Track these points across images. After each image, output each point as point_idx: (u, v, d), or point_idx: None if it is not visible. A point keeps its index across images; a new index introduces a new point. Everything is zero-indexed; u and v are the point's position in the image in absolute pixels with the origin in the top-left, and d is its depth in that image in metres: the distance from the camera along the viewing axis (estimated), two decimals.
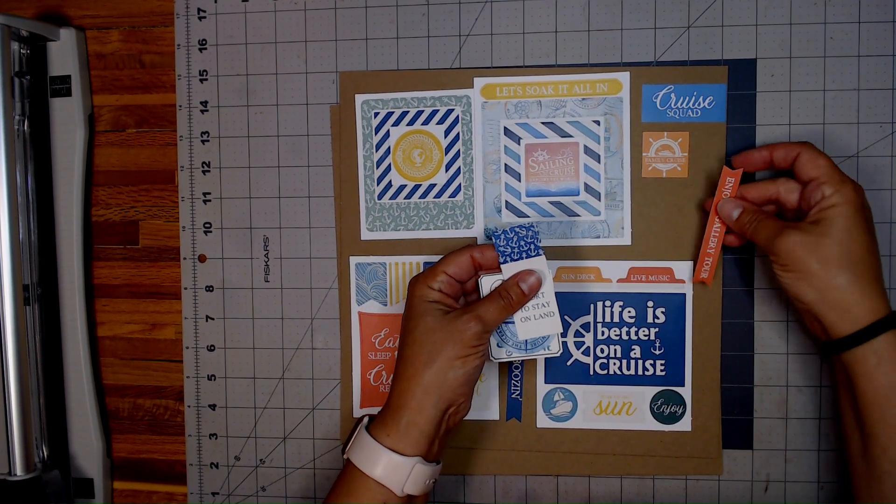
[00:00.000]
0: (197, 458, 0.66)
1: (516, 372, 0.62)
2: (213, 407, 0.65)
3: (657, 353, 0.60)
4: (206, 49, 0.64)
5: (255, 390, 0.65)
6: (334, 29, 0.63)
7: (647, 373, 0.61)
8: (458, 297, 0.55)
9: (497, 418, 0.62)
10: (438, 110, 0.61)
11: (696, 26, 0.59)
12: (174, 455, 0.67)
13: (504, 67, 0.61)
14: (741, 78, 0.59)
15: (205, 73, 0.64)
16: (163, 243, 0.66)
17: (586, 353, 0.61)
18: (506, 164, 0.61)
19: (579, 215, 0.60)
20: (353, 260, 0.63)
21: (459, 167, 0.61)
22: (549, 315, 0.54)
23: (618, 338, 0.61)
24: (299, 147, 0.63)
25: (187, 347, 0.65)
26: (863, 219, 0.50)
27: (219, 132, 0.64)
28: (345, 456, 0.53)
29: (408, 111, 0.62)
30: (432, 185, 0.62)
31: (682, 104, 0.59)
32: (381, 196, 0.62)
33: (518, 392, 0.62)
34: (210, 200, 0.65)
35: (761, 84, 0.59)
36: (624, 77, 0.59)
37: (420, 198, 0.62)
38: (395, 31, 0.62)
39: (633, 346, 0.61)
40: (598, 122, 0.60)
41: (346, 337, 0.64)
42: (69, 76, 0.64)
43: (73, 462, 0.66)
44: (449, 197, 0.62)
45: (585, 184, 0.60)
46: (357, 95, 0.62)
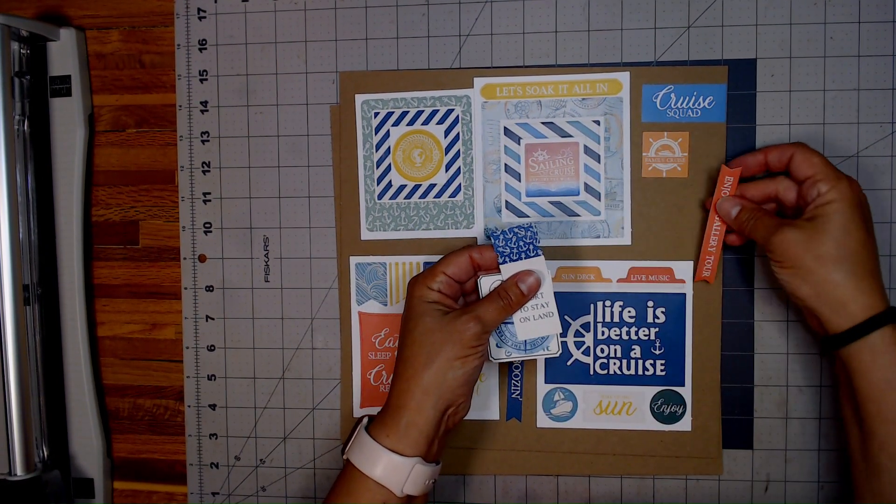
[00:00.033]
0: (197, 458, 0.66)
1: (516, 372, 0.62)
2: (213, 407, 0.65)
3: (657, 352, 0.60)
4: (206, 49, 0.64)
5: (255, 390, 0.65)
6: (334, 29, 0.63)
7: (647, 373, 0.61)
8: (457, 298, 0.55)
9: (497, 418, 0.62)
10: (438, 110, 0.61)
11: (696, 26, 0.59)
12: (174, 455, 0.67)
13: (504, 67, 0.61)
14: (741, 78, 0.59)
15: (205, 73, 0.64)
16: (163, 243, 0.66)
17: (586, 352, 0.61)
18: (506, 164, 0.61)
19: (579, 215, 0.60)
20: (353, 260, 0.63)
21: (459, 167, 0.61)
22: (549, 315, 0.54)
23: (618, 338, 0.61)
24: (299, 147, 0.63)
25: (187, 347, 0.65)
26: (859, 215, 0.50)
27: (219, 132, 0.64)
28: (344, 456, 0.53)
29: (408, 111, 0.62)
30: (432, 185, 0.62)
31: (682, 104, 0.59)
32: (381, 196, 0.62)
33: (518, 392, 0.62)
34: (210, 200, 0.65)
35: (761, 84, 0.59)
36: (624, 77, 0.59)
37: (420, 198, 0.62)
38: (395, 31, 0.62)
39: (634, 346, 0.61)
40: (598, 122, 0.60)
41: (346, 337, 0.64)
42: (69, 76, 0.64)
43: (73, 462, 0.66)
44: (449, 197, 0.62)
45: (585, 184, 0.60)
46: (357, 95, 0.62)
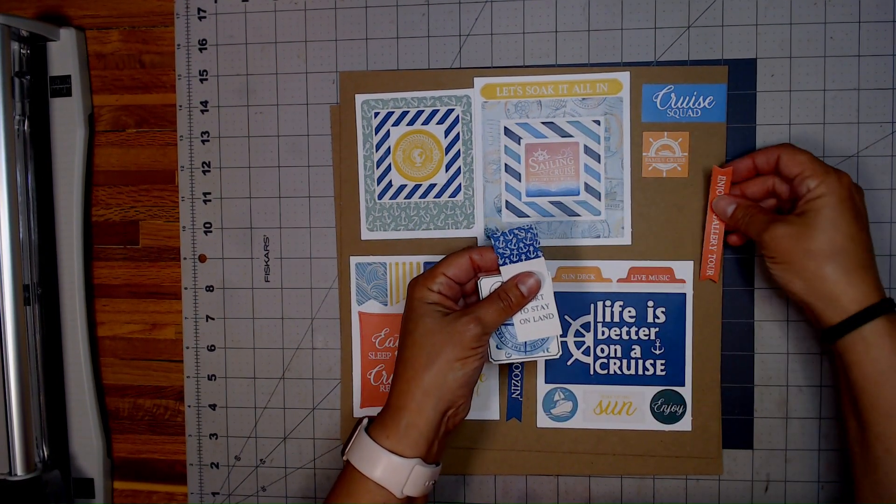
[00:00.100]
0: (197, 458, 0.66)
1: (516, 372, 0.62)
2: (213, 407, 0.65)
3: (657, 352, 0.60)
4: (206, 49, 0.64)
5: (256, 390, 0.65)
6: (334, 29, 0.63)
7: (647, 373, 0.61)
8: (457, 299, 0.55)
9: (497, 418, 0.62)
10: (438, 110, 0.61)
11: (696, 26, 0.59)
12: (174, 455, 0.67)
13: (504, 67, 0.61)
14: (741, 78, 0.59)
15: (205, 73, 0.64)
16: (163, 243, 0.66)
17: (586, 352, 0.61)
18: (506, 164, 0.61)
19: (579, 215, 0.60)
20: (354, 260, 0.63)
21: (459, 167, 0.61)
22: (549, 317, 0.54)
23: (618, 338, 0.61)
24: (299, 147, 0.63)
25: (187, 347, 0.65)
26: (849, 208, 0.50)
27: (219, 132, 0.64)
28: (344, 457, 0.53)
29: (408, 111, 0.62)
30: (432, 185, 0.62)
31: (682, 104, 0.59)
32: (381, 196, 0.62)
33: (518, 392, 0.62)
34: (210, 200, 0.65)
35: (761, 84, 0.59)
36: (624, 77, 0.59)
37: (420, 198, 0.62)
38: (395, 31, 0.62)
39: (634, 346, 0.61)
40: (598, 122, 0.60)
41: (346, 337, 0.64)
42: (69, 76, 0.64)
43: (73, 462, 0.66)
44: (449, 197, 0.62)
45: (585, 184, 0.60)
46: (357, 95, 0.62)
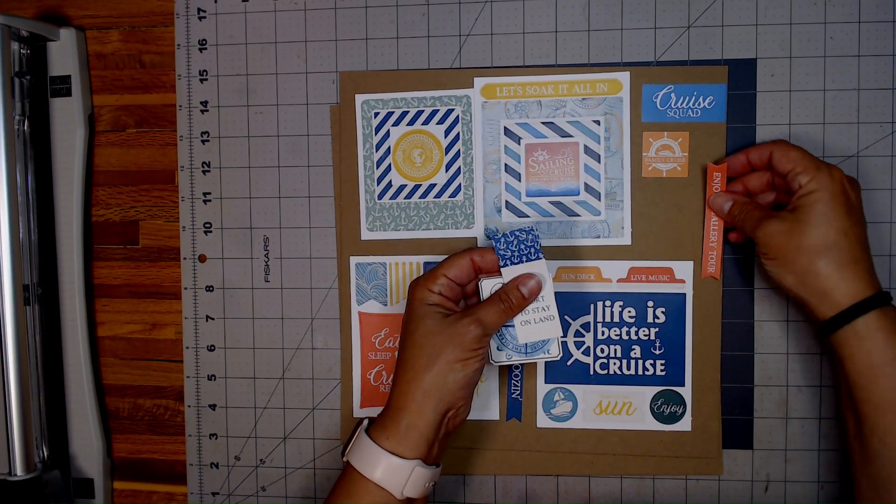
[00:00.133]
0: (197, 458, 0.66)
1: (516, 372, 0.62)
2: (213, 407, 0.65)
3: (657, 352, 0.60)
4: (206, 49, 0.64)
5: (255, 390, 0.65)
6: (334, 29, 0.63)
7: (647, 373, 0.61)
8: (458, 301, 0.55)
9: (497, 418, 0.62)
10: (438, 110, 0.61)
11: (696, 26, 0.59)
12: (174, 455, 0.67)
13: (504, 67, 0.61)
14: (741, 78, 0.59)
15: (205, 73, 0.64)
16: (163, 243, 0.66)
17: (586, 352, 0.61)
18: (506, 164, 0.61)
19: (579, 215, 0.60)
20: (354, 260, 0.63)
21: (459, 167, 0.61)
22: (549, 319, 0.54)
23: (618, 338, 0.61)
24: (299, 147, 0.63)
25: (187, 347, 0.65)
26: (841, 203, 0.50)
27: (219, 132, 0.64)
28: (344, 458, 0.53)
29: (408, 111, 0.62)
30: (432, 185, 0.62)
31: (682, 104, 0.59)
32: (381, 196, 0.62)
33: (518, 392, 0.62)
34: (210, 200, 0.65)
35: (761, 84, 0.59)
36: (624, 77, 0.59)
37: (420, 198, 0.62)
38: (395, 31, 0.62)
39: (634, 346, 0.61)
40: (598, 122, 0.60)
41: (346, 337, 0.64)
42: (69, 76, 0.64)
43: (73, 462, 0.66)
44: (449, 197, 0.62)
45: (585, 184, 0.60)
46: (357, 95, 0.62)
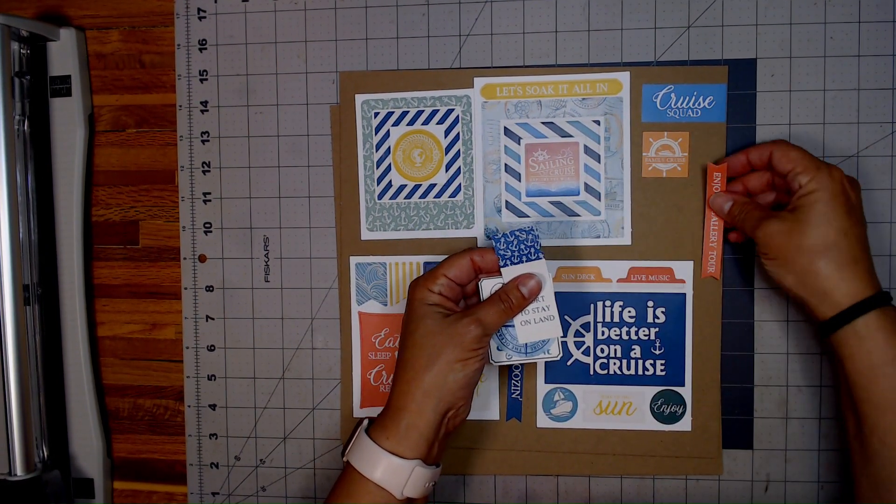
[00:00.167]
0: (197, 458, 0.66)
1: (516, 372, 0.62)
2: (213, 407, 0.65)
3: (657, 352, 0.60)
4: (206, 49, 0.64)
5: (255, 390, 0.65)
6: (334, 29, 0.63)
7: (647, 373, 0.61)
8: (458, 301, 0.55)
9: (497, 418, 0.62)
10: (438, 110, 0.61)
11: (696, 26, 0.59)
12: (174, 455, 0.67)
13: (504, 67, 0.61)
14: (741, 78, 0.59)
15: (205, 73, 0.64)
16: (163, 243, 0.66)
17: (586, 352, 0.61)
18: (506, 164, 0.61)
19: (579, 215, 0.60)
20: (354, 260, 0.63)
21: (459, 167, 0.61)
22: (550, 319, 0.54)
23: (618, 338, 0.61)
24: (299, 147, 0.63)
25: (187, 347, 0.65)
26: (840, 203, 0.50)
27: (219, 132, 0.64)
28: (344, 458, 0.53)
29: (408, 111, 0.62)
30: (432, 185, 0.62)
31: (682, 104, 0.59)
32: (381, 196, 0.62)
33: (518, 392, 0.62)
34: (210, 200, 0.65)
35: (761, 84, 0.59)
36: (624, 77, 0.59)
37: (420, 198, 0.62)
38: (395, 31, 0.62)
39: (634, 346, 0.61)
40: (598, 122, 0.60)
41: (346, 337, 0.64)
42: (69, 76, 0.64)
43: (73, 462, 0.66)
44: (449, 197, 0.62)
45: (585, 184, 0.60)
46: (357, 95, 0.62)
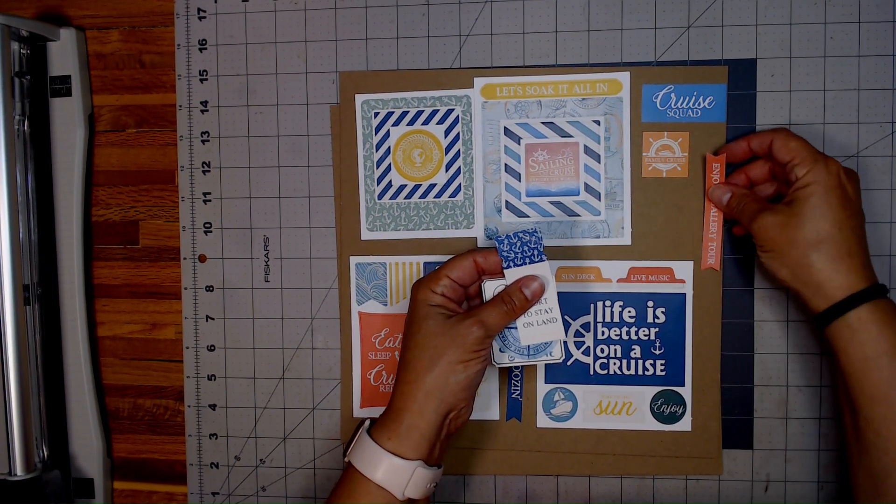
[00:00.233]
0: (197, 458, 0.66)
1: (516, 372, 0.62)
2: (213, 407, 0.65)
3: (657, 352, 0.60)
4: (206, 49, 0.64)
5: (255, 390, 0.65)
6: (334, 29, 0.63)
7: (647, 373, 0.61)
8: (460, 302, 0.55)
9: (497, 418, 0.62)
10: (438, 110, 0.61)
11: (696, 26, 0.59)
12: (174, 455, 0.67)
13: (504, 67, 0.61)
14: (741, 78, 0.59)
15: (205, 73, 0.64)
16: (163, 243, 0.66)
17: (586, 352, 0.61)
18: (506, 164, 0.61)
19: (579, 215, 0.60)
20: (354, 260, 0.63)
21: (459, 167, 0.61)
22: (552, 321, 0.54)
23: (618, 338, 0.61)
24: (299, 147, 0.63)
25: (187, 347, 0.65)
26: (836, 196, 0.50)
27: (219, 132, 0.64)
28: (346, 459, 0.53)
29: (408, 111, 0.62)
30: (432, 185, 0.62)
31: (682, 104, 0.59)
32: (381, 196, 0.62)
33: (518, 392, 0.62)
34: (210, 200, 0.65)
35: (761, 84, 0.59)
36: (624, 77, 0.59)
37: (420, 198, 0.62)
38: (395, 31, 0.62)
39: (634, 346, 0.61)
40: (598, 122, 0.60)
41: (346, 337, 0.64)
42: (69, 76, 0.64)
43: (73, 462, 0.66)
44: (449, 197, 0.62)
45: (585, 184, 0.60)
46: (357, 95, 0.62)
